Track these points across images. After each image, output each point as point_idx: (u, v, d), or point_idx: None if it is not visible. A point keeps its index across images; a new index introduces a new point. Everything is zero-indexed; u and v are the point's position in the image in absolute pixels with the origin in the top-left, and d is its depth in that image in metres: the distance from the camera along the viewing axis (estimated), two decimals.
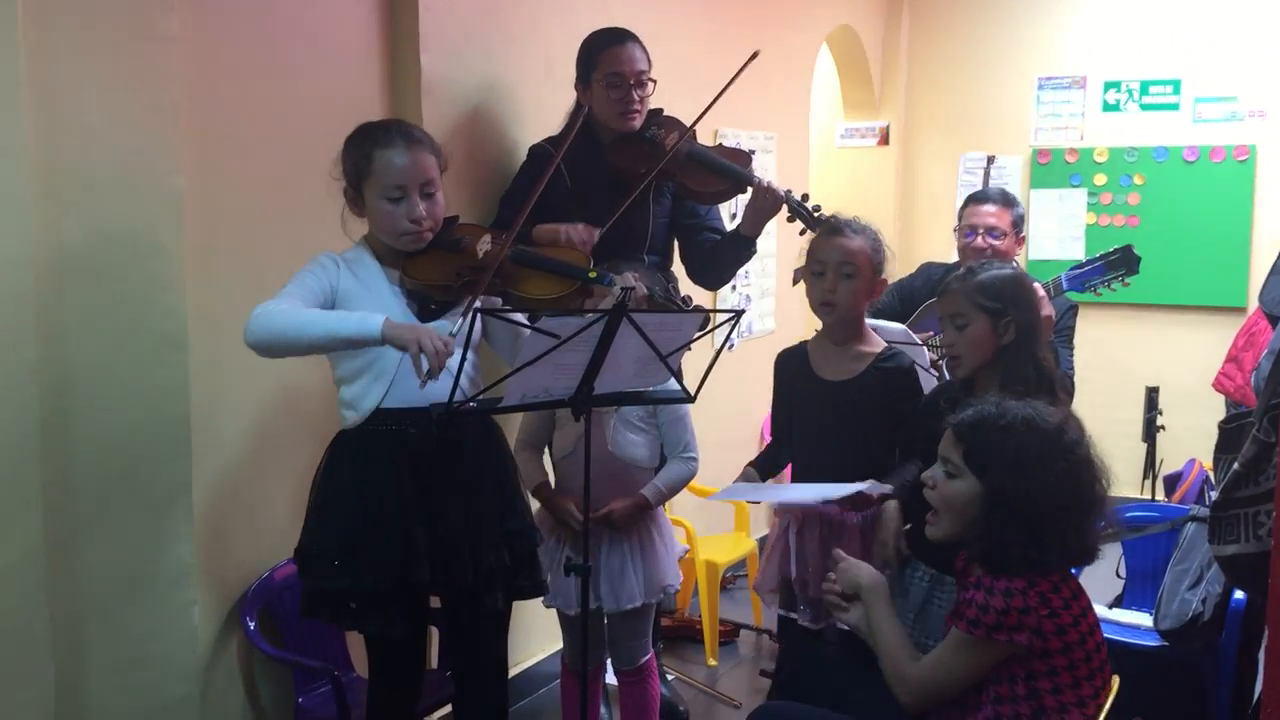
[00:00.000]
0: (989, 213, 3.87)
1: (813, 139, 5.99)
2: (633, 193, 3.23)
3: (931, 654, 2.18)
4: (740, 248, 3.46)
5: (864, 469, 2.70)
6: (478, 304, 2.52)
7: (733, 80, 3.29)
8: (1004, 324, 2.60)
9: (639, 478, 3.02)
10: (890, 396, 2.81)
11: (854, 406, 2.80)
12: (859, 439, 2.77)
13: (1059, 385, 2.66)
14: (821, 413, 2.85)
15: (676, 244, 3.64)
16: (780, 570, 2.92)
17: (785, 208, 3.28)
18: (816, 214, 3.22)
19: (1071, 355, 3.74)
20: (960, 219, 3.97)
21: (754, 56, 3.29)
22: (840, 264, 2.82)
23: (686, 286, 3.61)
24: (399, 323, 2.39)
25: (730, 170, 3.36)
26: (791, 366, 2.96)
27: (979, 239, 3.85)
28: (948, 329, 2.68)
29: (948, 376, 3.65)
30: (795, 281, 3.09)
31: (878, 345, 2.90)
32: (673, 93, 3.50)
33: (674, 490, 3.04)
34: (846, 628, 2.58)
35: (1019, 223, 3.92)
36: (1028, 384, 2.55)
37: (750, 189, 3.34)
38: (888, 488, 2.68)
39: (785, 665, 3.02)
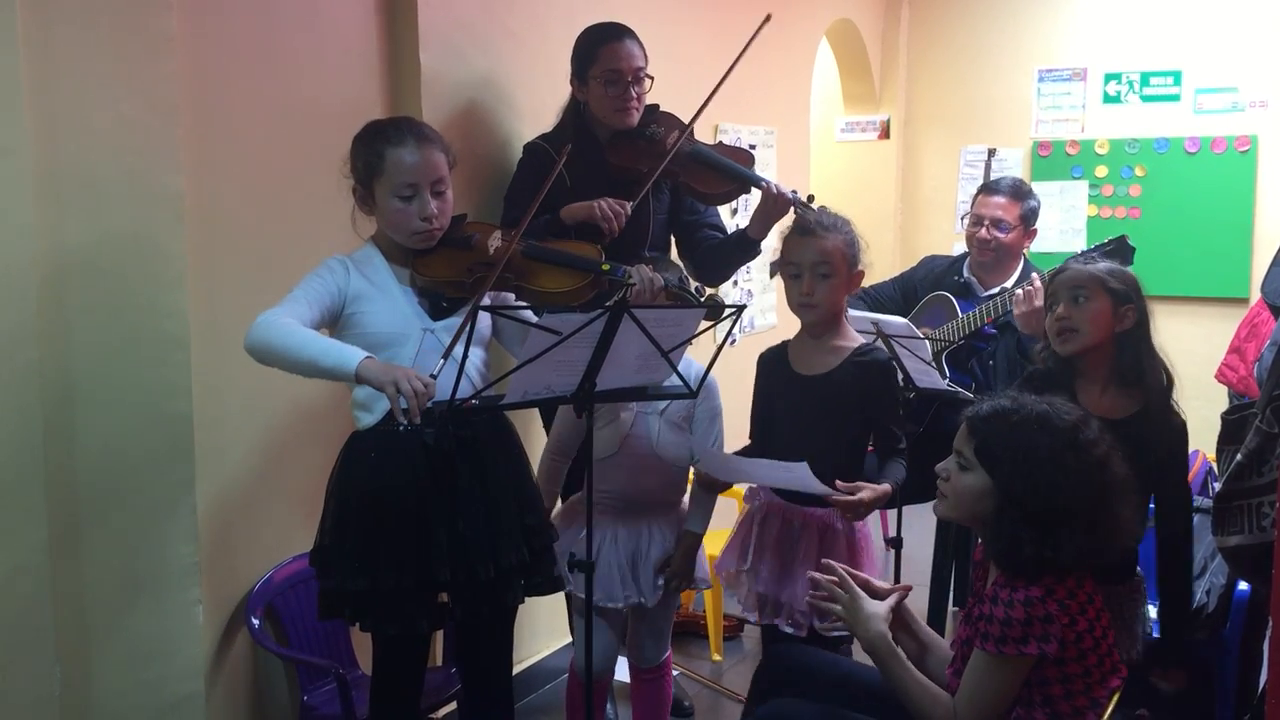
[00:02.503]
0: (997, 204, 3.84)
1: (813, 133, 5.99)
2: (636, 189, 3.22)
3: (964, 688, 2.14)
4: (746, 248, 3.44)
5: (841, 461, 2.70)
6: (487, 300, 2.52)
7: (745, 49, 3.25)
8: (1125, 309, 2.63)
9: (678, 477, 3.03)
10: (866, 390, 2.80)
11: (830, 400, 2.79)
12: (835, 432, 2.76)
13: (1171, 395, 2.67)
14: (799, 407, 2.84)
15: (674, 240, 3.64)
16: (740, 556, 2.94)
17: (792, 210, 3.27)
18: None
19: None
20: (971, 206, 3.96)
21: (767, 19, 3.26)
22: (816, 265, 2.79)
23: None
24: (378, 363, 2.35)
25: (738, 172, 3.34)
26: (771, 365, 2.96)
27: (984, 230, 3.82)
28: (1064, 303, 2.69)
29: (948, 371, 3.66)
30: (773, 274, 3.07)
31: (854, 340, 2.89)
32: (670, 89, 3.50)
33: (712, 508, 3.04)
34: (792, 631, 2.64)
35: (1030, 216, 3.88)
36: (1142, 373, 2.56)
37: (757, 190, 3.32)
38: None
39: (765, 664, 3.03)
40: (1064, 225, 6.36)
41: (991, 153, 6.39)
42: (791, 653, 2.60)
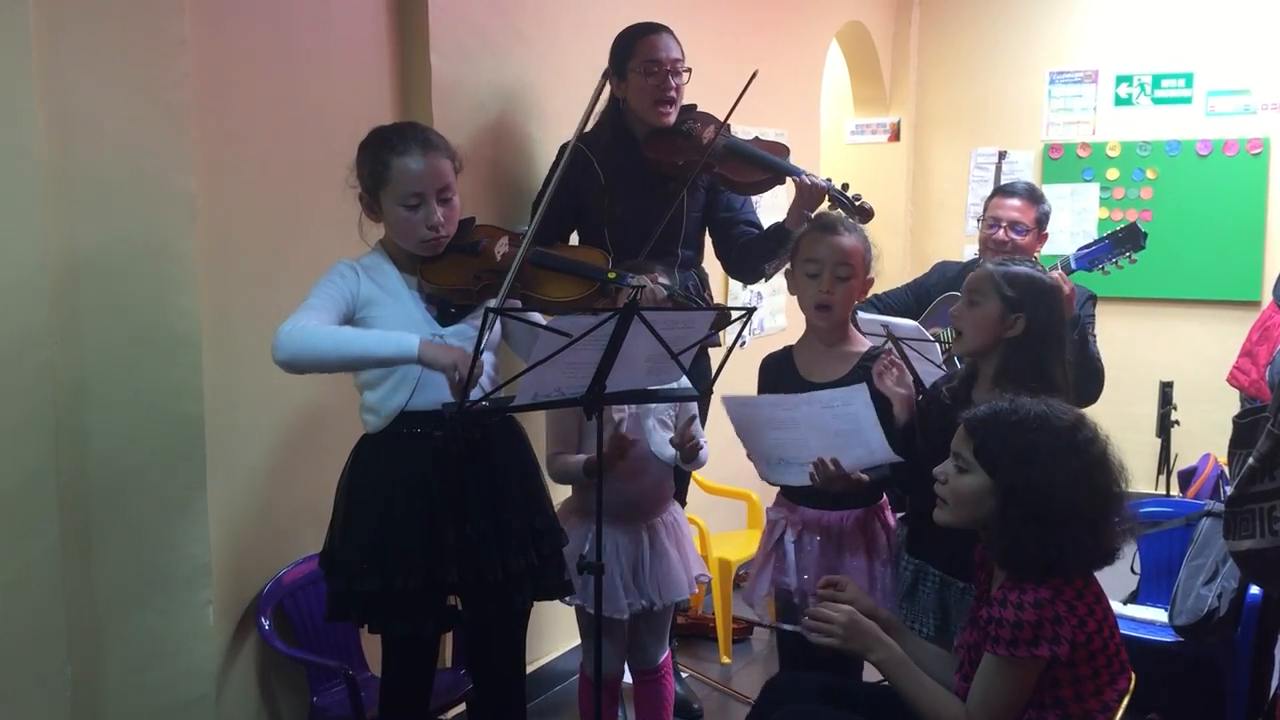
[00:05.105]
0: (1014, 206, 3.85)
1: (823, 135, 5.98)
2: (670, 184, 3.24)
3: (976, 692, 2.13)
4: (781, 240, 3.44)
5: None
6: (494, 304, 2.52)
7: (739, 99, 3.28)
8: (1014, 317, 2.58)
9: (661, 476, 3.04)
10: (877, 395, 2.72)
11: None
12: None
13: (1066, 397, 2.63)
14: None
15: (710, 239, 3.64)
16: (773, 581, 2.89)
17: (827, 198, 3.29)
18: (858, 203, 3.21)
19: (1094, 343, 3.72)
20: (985, 210, 3.95)
21: (754, 77, 3.29)
22: (837, 265, 2.73)
23: (720, 282, 3.60)
24: (434, 345, 2.41)
25: (770, 161, 3.37)
26: (776, 371, 2.91)
27: (1001, 231, 3.83)
28: (961, 304, 2.66)
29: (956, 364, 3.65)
30: (770, 276, 3.06)
31: (863, 345, 2.85)
32: (688, 92, 3.50)
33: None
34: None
35: (1044, 220, 3.90)
36: (1024, 387, 2.53)
37: (791, 180, 3.34)
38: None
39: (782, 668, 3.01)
40: (1075, 228, 6.34)
41: (1002, 155, 6.36)
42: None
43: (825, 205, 3.28)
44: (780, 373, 2.90)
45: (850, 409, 2.55)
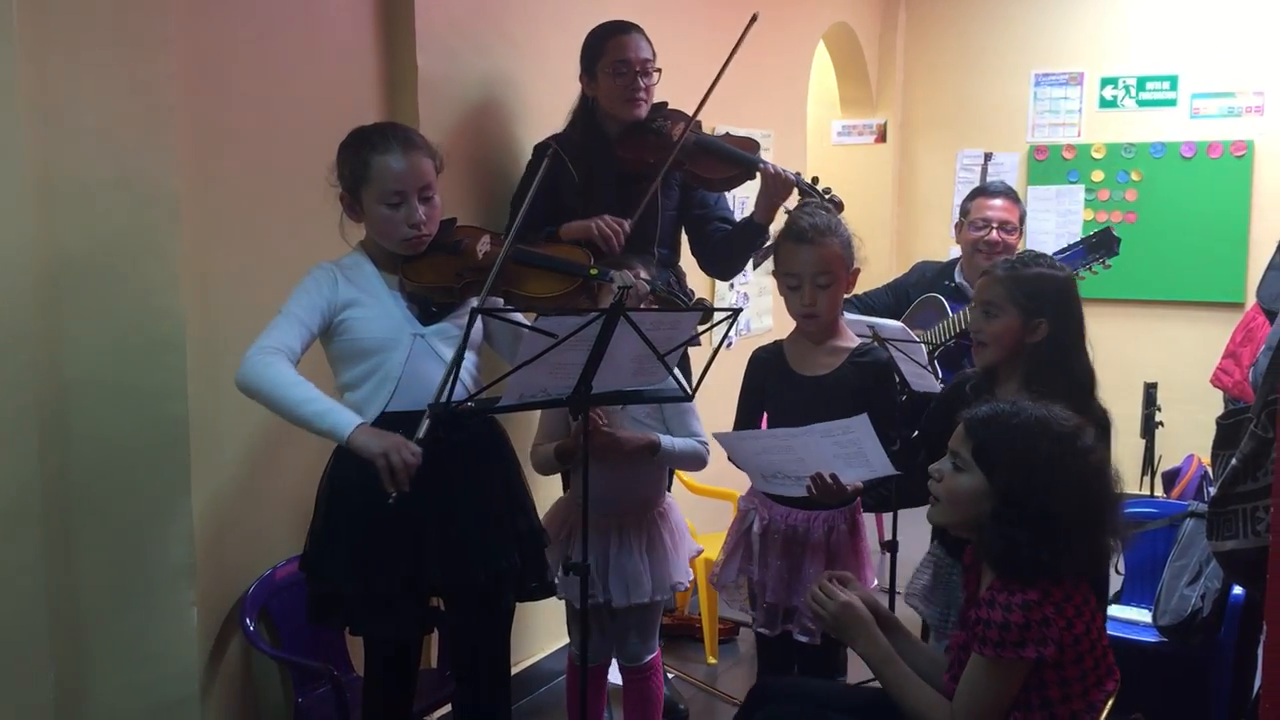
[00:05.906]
0: (1000, 206, 3.86)
1: (809, 137, 5.99)
2: (643, 183, 3.24)
3: (962, 692, 2.13)
4: (753, 235, 3.45)
5: None
6: (475, 303, 2.52)
7: (736, 48, 3.27)
8: (1035, 324, 2.58)
9: (646, 474, 3.02)
10: (867, 390, 2.78)
11: (831, 400, 2.75)
12: None
13: (1092, 397, 2.63)
14: (799, 407, 2.79)
15: (686, 236, 3.64)
16: (741, 569, 2.91)
17: (796, 191, 3.29)
18: (827, 196, 3.22)
19: None
20: (967, 213, 3.94)
21: (754, 19, 3.29)
22: (816, 275, 2.75)
23: (696, 278, 3.60)
24: (368, 433, 2.38)
25: (739, 156, 3.37)
26: (767, 365, 2.93)
27: (993, 232, 3.83)
28: (977, 314, 2.66)
29: (940, 372, 3.67)
30: (758, 265, 3.02)
31: (852, 340, 2.87)
32: (669, 91, 3.50)
33: (683, 458, 3.01)
34: (806, 639, 2.63)
35: (1024, 218, 3.93)
36: (1053, 390, 2.54)
37: (759, 174, 3.34)
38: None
39: (762, 670, 3.03)
40: (1060, 230, 6.36)
41: (988, 157, 6.40)
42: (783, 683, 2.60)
43: (795, 197, 3.28)
44: (770, 367, 2.91)
45: (851, 435, 2.56)
